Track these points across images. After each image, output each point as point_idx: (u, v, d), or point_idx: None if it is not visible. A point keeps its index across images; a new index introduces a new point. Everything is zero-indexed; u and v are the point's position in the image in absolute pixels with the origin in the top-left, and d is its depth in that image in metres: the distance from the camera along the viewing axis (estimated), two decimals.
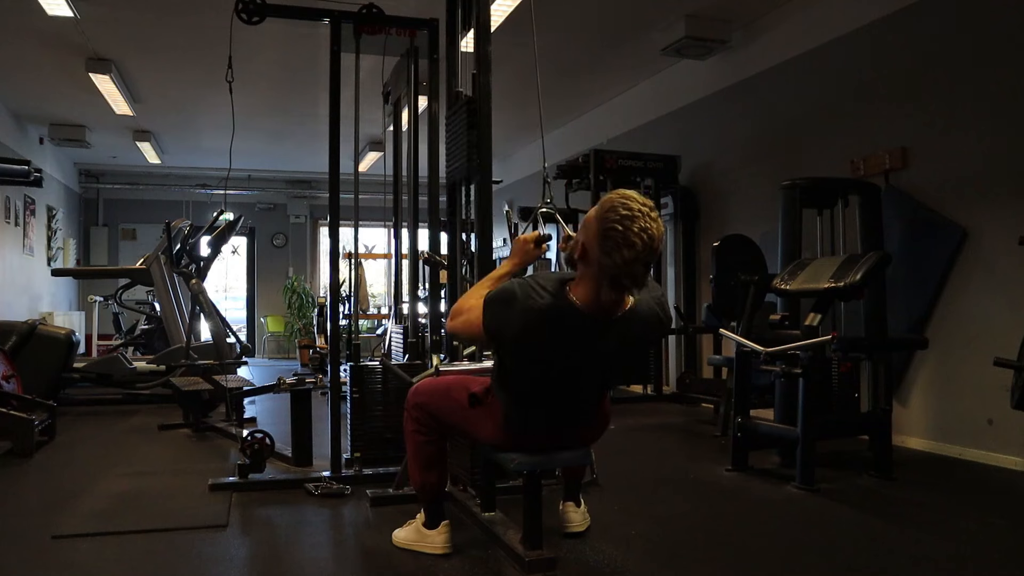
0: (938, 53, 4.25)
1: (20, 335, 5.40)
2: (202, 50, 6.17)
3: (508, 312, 2.03)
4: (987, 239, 3.97)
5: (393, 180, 4.15)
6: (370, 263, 10.88)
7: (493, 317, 2.06)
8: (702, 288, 6.34)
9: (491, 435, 2.31)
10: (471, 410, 2.32)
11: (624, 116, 7.31)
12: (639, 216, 1.91)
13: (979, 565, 2.44)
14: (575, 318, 2.03)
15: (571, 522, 2.65)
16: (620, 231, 1.90)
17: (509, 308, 2.03)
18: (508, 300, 2.03)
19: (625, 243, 1.90)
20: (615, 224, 1.91)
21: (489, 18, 3.14)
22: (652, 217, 1.94)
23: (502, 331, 2.06)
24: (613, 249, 1.91)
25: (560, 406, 2.25)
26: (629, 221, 1.90)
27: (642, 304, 2.09)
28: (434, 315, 3.51)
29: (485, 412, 2.29)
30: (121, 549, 2.55)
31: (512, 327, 2.03)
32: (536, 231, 2.40)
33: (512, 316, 2.02)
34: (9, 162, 6.08)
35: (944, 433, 4.16)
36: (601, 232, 1.93)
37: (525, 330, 2.03)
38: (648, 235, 1.91)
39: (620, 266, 1.91)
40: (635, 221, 1.91)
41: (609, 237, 1.91)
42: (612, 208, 1.94)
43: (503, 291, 2.07)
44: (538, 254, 2.36)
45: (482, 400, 2.30)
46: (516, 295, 2.03)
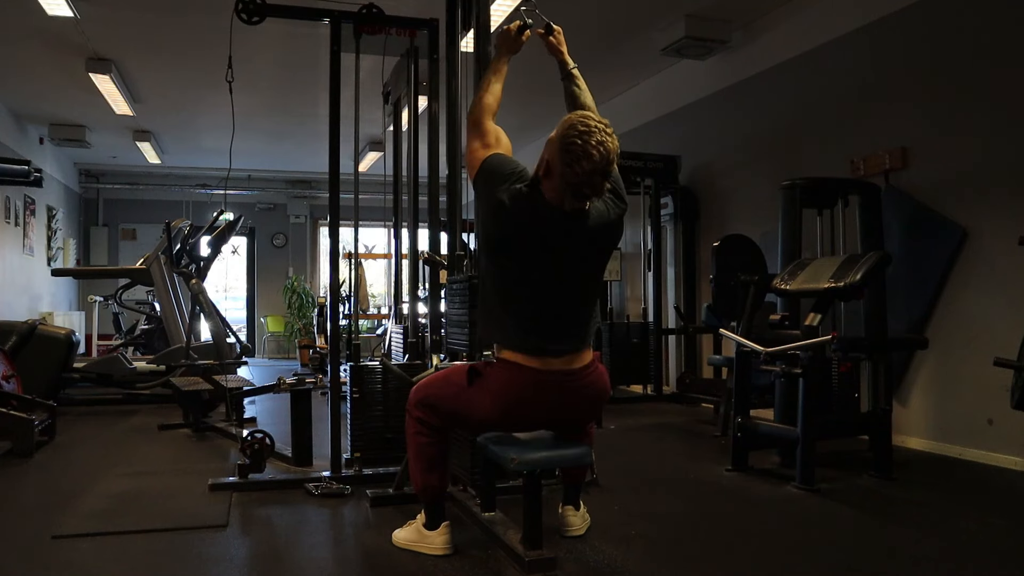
0: (938, 53, 4.25)
1: (20, 335, 5.40)
2: (202, 50, 6.17)
3: (496, 183, 2.24)
4: (987, 239, 3.97)
5: (393, 180, 4.15)
6: (370, 263, 10.88)
7: (484, 179, 2.29)
8: (702, 288, 6.34)
9: (488, 410, 2.28)
10: (470, 389, 2.30)
11: (624, 116, 7.31)
12: (596, 131, 2.09)
13: (979, 565, 2.44)
14: (546, 205, 2.19)
15: (571, 526, 2.65)
16: (579, 144, 2.07)
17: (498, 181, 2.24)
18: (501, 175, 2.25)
19: (584, 155, 2.07)
20: (575, 139, 2.08)
21: (489, 18, 3.15)
22: (608, 132, 2.11)
23: (483, 193, 2.28)
24: (573, 161, 2.08)
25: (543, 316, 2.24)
26: (587, 135, 2.08)
27: (597, 204, 2.25)
28: (434, 315, 3.51)
29: (483, 385, 2.28)
30: (121, 549, 2.55)
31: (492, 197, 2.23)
32: (517, 21, 2.58)
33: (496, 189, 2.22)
34: (9, 162, 6.08)
35: (944, 433, 4.16)
36: (562, 147, 2.10)
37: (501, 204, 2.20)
38: (604, 147, 2.08)
39: (580, 175, 2.08)
40: (592, 135, 2.08)
41: (569, 151, 2.08)
42: (571, 125, 2.11)
43: (503, 165, 2.29)
44: (520, 43, 2.58)
45: (481, 372, 2.30)
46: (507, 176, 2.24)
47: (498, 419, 2.31)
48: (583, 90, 2.53)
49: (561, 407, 2.31)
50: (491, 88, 2.51)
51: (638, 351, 6.15)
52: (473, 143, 2.40)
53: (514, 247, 2.25)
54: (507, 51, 2.58)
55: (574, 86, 2.54)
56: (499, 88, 2.53)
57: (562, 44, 2.62)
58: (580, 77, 2.56)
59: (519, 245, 2.24)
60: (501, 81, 2.55)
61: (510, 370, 2.25)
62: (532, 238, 2.22)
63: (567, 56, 2.59)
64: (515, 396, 2.25)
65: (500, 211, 2.20)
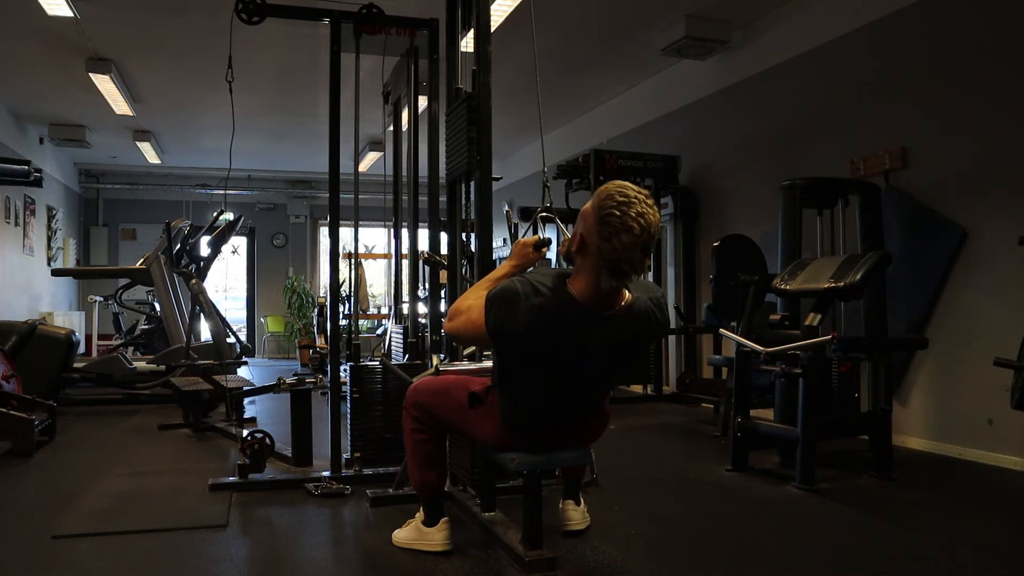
0: (938, 53, 4.25)
1: (20, 335, 5.40)
2: (202, 50, 6.17)
3: (511, 311, 2.03)
4: (987, 239, 3.97)
5: (393, 180, 4.15)
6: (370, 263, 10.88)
7: (496, 316, 2.05)
8: (702, 288, 6.34)
9: (491, 435, 2.31)
10: (471, 410, 2.32)
11: (624, 116, 7.31)
12: (636, 202, 1.95)
13: (979, 565, 2.44)
14: (575, 313, 2.04)
15: (571, 520, 2.65)
16: (618, 216, 1.93)
17: (513, 307, 2.03)
18: (511, 298, 2.04)
19: (623, 227, 1.93)
20: (613, 210, 1.94)
21: (489, 18, 3.14)
22: (648, 203, 1.97)
23: (505, 330, 2.06)
24: (612, 235, 1.93)
25: (561, 404, 2.25)
26: (626, 207, 1.94)
27: (639, 302, 2.12)
28: (434, 315, 3.51)
29: (485, 411, 2.29)
30: (121, 549, 2.55)
31: (516, 326, 2.03)
32: (536, 235, 2.41)
33: (516, 314, 2.03)
34: (9, 162, 6.08)
35: (944, 433, 4.16)
36: (599, 219, 1.96)
37: (528, 328, 2.03)
38: (645, 220, 1.94)
39: (619, 251, 1.93)
40: (632, 206, 1.94)
41: (607, 223, 1.94)
42: (609, 196, 1.97)
43: (505, 290, 2.07)
44: (537, 257, 2.37)
45: (483, 400, 2.30)
46: (519, 293, 2.04)
47: (500, 443, 2.32)
48: None
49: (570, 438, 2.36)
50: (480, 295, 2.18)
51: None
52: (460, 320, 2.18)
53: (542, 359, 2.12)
54: (520, 265, 2.34)
55: None
56: None
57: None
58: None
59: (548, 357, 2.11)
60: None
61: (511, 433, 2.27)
62: (562, 347, 2.09)
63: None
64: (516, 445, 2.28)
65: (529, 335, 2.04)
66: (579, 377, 2.19)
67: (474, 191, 3.12)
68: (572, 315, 2.05)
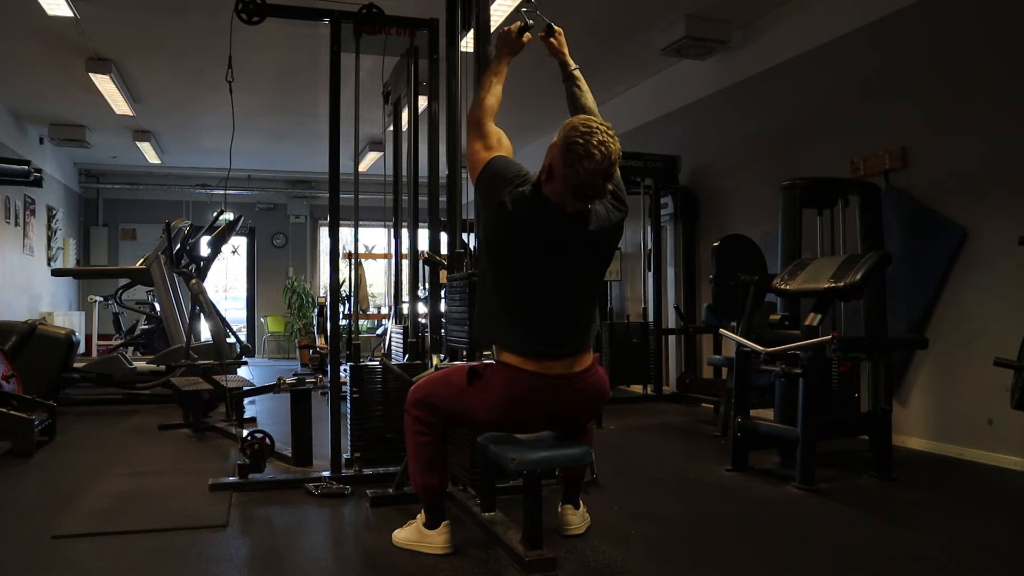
0: (938, 53, 4.25)
1: (20, 335, 5.40)
2: (202, 50, 6.17)
3: (499, 186, 2.23)
4: (987, 239, 3.97)
5: (393, 180, 4.15)
6: (370, 263, 10.88)
7: (487, 183, 2.28)
8: (702, 288, 6.34)
9: (490, 409, 2.28)
10: (470, 389, 2.30)
11: (624, 116, 7.32)
12: (597, 131, 2.10)
13: (979, 565, 2.44)
14: (548, 206, 2.19)
15: (570, 524, 2.65)
16: (581, 144, 2.08)
17: (501, 184, 2.23)
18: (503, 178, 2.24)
19: (586, 155, 2.07)
20: (576, 139, 2.08)
21: (489, 18, 3.15)
22: (610, 133, 2.12)
23: (486, 196, 2.27)
24: (575, 161, 2.08)
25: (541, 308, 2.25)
26: (589, 135, 2.08)
27: (599, 207, 2.26)
28: (434, 315, 3.51)
29: (484, 386, 2.28)
30: (121, 549, 2.55)
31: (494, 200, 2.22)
32: (518, 23, 2.57)
33: (499, 191, 2.22)
34: (9, 162, 6.08)
35: (944, 433, 4.16)
36: (564, 147, 2.10)
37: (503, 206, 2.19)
38: (606, 148, 2.09)
39: (582, 176, 2.08)
40: (594, 135, 2.09)
41: (571, 151, 2.08)
42: (573, 127, 2.12)
43: (506, 168, 2.28)
44: (521, 44, 2.58)
45: (481, 373, 2.30)
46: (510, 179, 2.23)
47: (498, 420, 2.32)
48: (584, 91, 2.54)
49: (561, 409, 2.33)
50: (492, 89, 2.50)
51: (638, 351, 6.15)
52: (475, 144, 2.39)
53: (515, 249, 2.25)
54: (508, 52, 2.57)
55: (575, 87, 2.55)
56: (500, 89, 2.53)
57: (563, 45, 2.62)
58: (581, 78, 2.56)
59: (520, 247, 2.24)
60: (502, 82, 2.54)
61: (510, 373, 2.25)
62: (533, 241, 2.22)
63: (568, 57, 2.59)
64: (515, 399, 2.25)
65: (502, 214, 2.20)
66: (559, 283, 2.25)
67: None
68: (545, 208, 2.18)
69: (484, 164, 2.32)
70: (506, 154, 2.37)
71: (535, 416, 2.33)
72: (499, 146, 2.38)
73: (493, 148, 2.36)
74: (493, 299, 2.32)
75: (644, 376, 6.23)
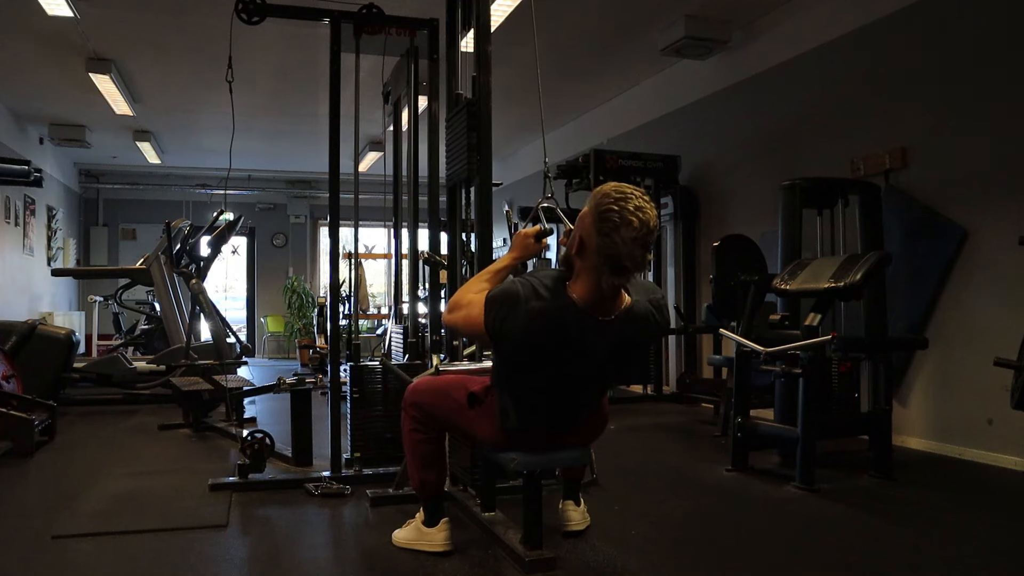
0: (938, 53, 4.25)
1: (20, 335, 5.41)
2: (202, 50, 6.17)
3: (511, 313, 2.03)
4: (987, 239, 3.97)
5: (393, 180, 4.15)
6: (370, 263, 10.88)
7: (496, 317, 2.05)
8: (702, 288, 6.34)
9: (490, 434, 2.31)
10: (470, 411, 2.32)
11: (624, 116, 7.31)
12: (632, 197, 1.97)
13: (979, 565, 2.44)
14: (576, 317, 2.04)
15: (570, 520, 2.65)
16: (616, 211, 1.94)
17: (513, 309, 2.03)
18: (512, 300, 2.03)
19: (623, 222, 1.93)
20: (611, 206, 1.95)
21: (489, 18, 3.14)
22: (645, 199, 1.99)
23: (504, 331, 2.05)
24: (612, 230, 1.94)
25: (560, 406, 2.25)
26: (624, 202, 1.95)
27: (638, 305, 2.12)
28: (434, 315, 3.51)
29: (484, 411, 2.29)
30: (121, 549, 2.55)
31: (515, 328, 2.03)
32: (537, 226, 2.38)
33: (515, 317, 2.02)
34: (9, 162, 6.08)
35: (944, 433, 4.16)
36: (598, 217, 1.96)
37: (528, 331, 2.03)
38: (644, 214, 1.96)
39: (620, 247, 1.93)
40: (629, 201, 1.95)
41: (606, 219, 1.94)
42: (606, 194, 1.99)
43: (506, 291, 2.07)
44: (538, 249, 2.35)
45: (482, 400, 2.30)
46: (519, 295, 2.03)
47: (499, 444, 2.33)
48: None
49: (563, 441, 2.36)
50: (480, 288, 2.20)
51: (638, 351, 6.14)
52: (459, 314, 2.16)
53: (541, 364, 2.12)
54: (520, 256, 2.34)
55: None
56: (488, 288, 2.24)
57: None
58: None
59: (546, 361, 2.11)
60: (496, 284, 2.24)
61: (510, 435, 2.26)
62: (561, 352, 2.08)
63: None
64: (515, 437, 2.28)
65: (527, 337, 2.04)
66: (578, 380, 2.19)
67: (474, 194, 3.12)
68: (572, 319, 2.04)
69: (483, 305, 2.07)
70: None
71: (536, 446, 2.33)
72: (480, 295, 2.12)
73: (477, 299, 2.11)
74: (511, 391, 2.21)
75: (644, 376, 6.22)
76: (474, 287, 2.22)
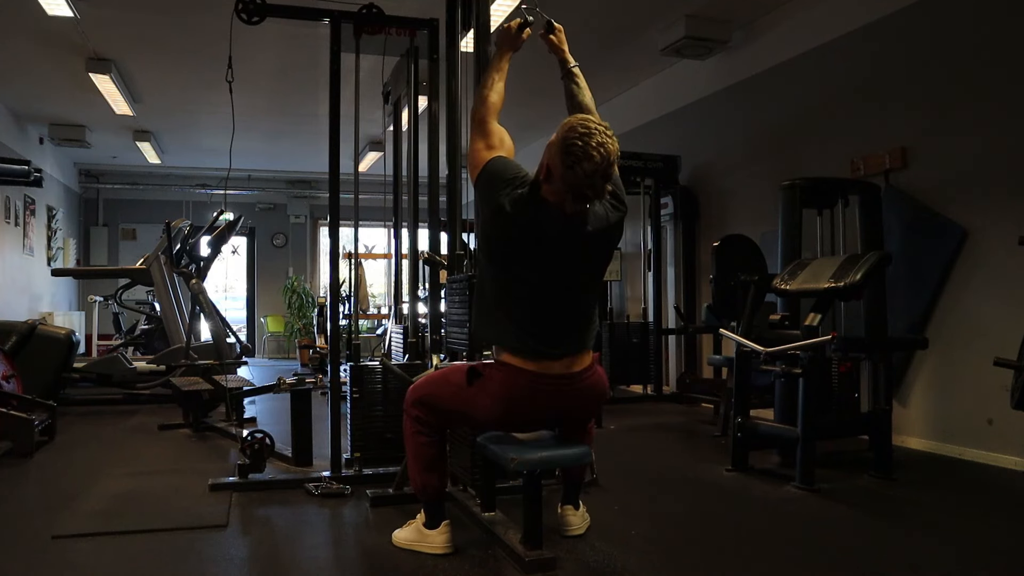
0: (938, 53, 4.25)
1: (20, 335, 5.40)
2: (202, 50, 6.17)
3: (496, 188, 2.22)
4: (987, 239, 3.97)
5: (393, 180, 4.15)
6: (370, 263, 10.88)
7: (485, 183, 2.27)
8: (702, 288, 6.34)
9: (490, 410, 2.29)
10: (469, 388, 2.31)
11: (624, 116, 7.32)
12: (596, 132, 2.08)
13: (979, 565, 2.44)
14: (546, 207, 2.19)
15: (570, 525, 2.65)
16: (580, 146, 2.06)
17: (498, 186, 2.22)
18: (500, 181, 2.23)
19: (585, 156, 2.06)
20: (575, 140, 2.07)
21: (489, 18, 3.15)
22: (608, 134, 2.10)
23: (484, 196, 2.26)
24: (574, 163, 2.07)
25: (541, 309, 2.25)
26: (588, 137, 2.07)
27: (597, 207, 2.25)
28: (434, 315, 3.51)
29: (483, 386, 2.28)
30: (121, 549, 2.55)
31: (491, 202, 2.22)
32: (517, 19, 2.56)
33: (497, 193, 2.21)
34: (9, 162, 6.08)
35: (944, 433, 4.16)
36: (563, 149, 2.09)
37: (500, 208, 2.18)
38: (605, 149, 2.07)
39: (582, 178, 2.08)
40: (592, 136, 2.07)
41: (570, 152, 2.07)
42: (571, 128, 2.11)
43: (504, 170, 2.27)
44: (520, 40, 2.56)
45: (481, 373, 2.30)
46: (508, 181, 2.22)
47: (498, 419, 2.33)
48: (583, 88, 2.54)
49: (560, 408, 2.34)
50: (494, 86, 2.49)
51: (638, 351, 6.15)
52: (477, 143, 2.38)
53: (514, 251, 2.25)
54: (508, 48, 2.56)
55: (573, 84, 2.55)
56: (502, 86, 2.51)
57: (563, 43, 2.61)
58: (580, 75, 2.56)
59: (519, 249, 2.24)
60: (503, 79, 2.52)
61: (509, 373, 2.25)
62: (532, 242, 2.21)
63: (568, 54, 2.59)
64: (514, 398, 2.26)
65: (500, 215, 2.20)
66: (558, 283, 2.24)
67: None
68: (543, 210, 2.18)
69: (484, 164, 2.31)
70: (507, 154, 2.36)
71: (535, 415, 2.33)
72: (501, 146, 2.37)
73: (495, 148, 2.35)
74: (491, 300, 2.32)
75: (644, 376, 6.22)
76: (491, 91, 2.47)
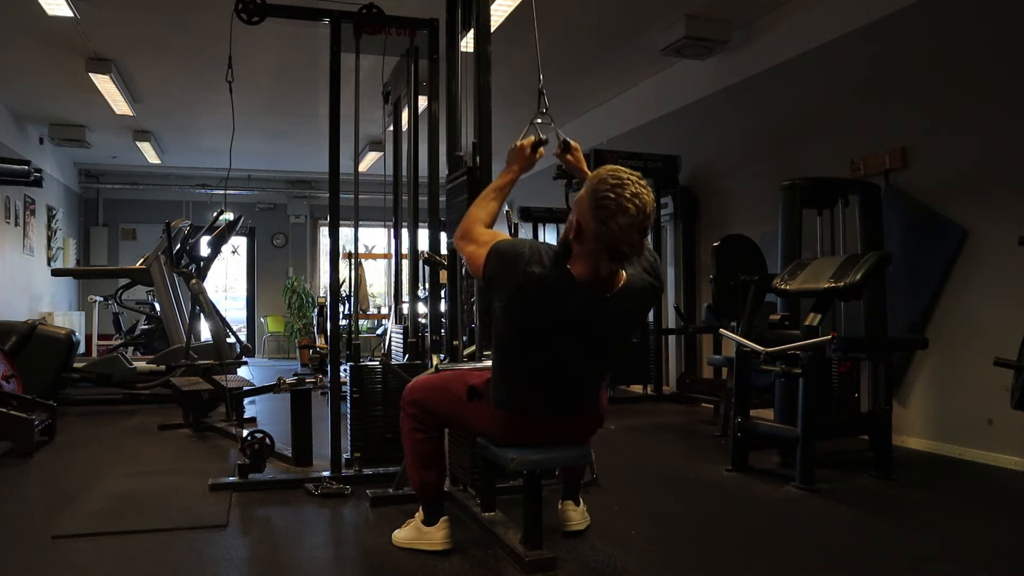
0: (938, 53, 4.25)
1: (20, 335, 5.40)
2: (202, 50, 6.17)
3: (509, 271, 2.06)
4: (987, 239, 3.97)
5: (393, 180, 4.15)
6: (370, 263, 10.88)
7: (496, 269, 2.10)
8: (702, 288, 6.34)
9: (489, 427, 2.30)
10: (468, 404, 2.31)
11: (624, 116, 7.31)
12: (629, 183, 1.95)
13: (979, 565, 2.44)
14: (575, 292, 2.06)
15: (570, 520, 2.65)
16: (613, 199, 1.93)
17: (513, 266, 2.06)
18: (514, 258, 2.06)
19: (619, 209, 1.93)
20: (607, 193, 1.94)
21: (489, 18, 3.14)
22: (641, 184, 1.97)
23: (499, 285, 2.10)
24: (608, 217, 1.93)
25: (556, 385, 2.23)
26: (620, 188, 1.94)
27: (635, 277, 2.14)
28: (434, 315, 3.51)
29: (484, 405, 2.29)
30: (121, 549, 2.55)
31: (509, 286, 2.07)
32: (531, 137, 2.41)
33: (512, 275, 2.05)
34: (9, 162, 6.08)
35: (944, 433, 4.16)
36: (594, 203, 1.96)
37: (521, 292, 2.05)
38: (640, 200, 1.95)
39: (617, 233, 1.94)
40: (626, 188, 1.94)
41: (603, 206, 1.94)
42: (602, 180, 1.98)
43: (513, 248, 2.11)
44: (533, 160, 2.39)
45: (481, 394, 2.30)
46: (522, 256, 2.06)
47: (496, 438, 2.33)
48: None
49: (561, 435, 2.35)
50: (487, 206, 2.32)
51: (638, 351, 6.15)
52: (468, 247, 2.23)
53: (536, 332, 2.13)
54: (520, 168, 2.39)
55: None
56: (496, 207, 2.33)
57: (580, 161, 2.48)
58: None
59: (542, 331, 2.12)
60: (501, 199, 2.34)
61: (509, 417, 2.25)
62: (558, 326, 2.10)
63: (587, 170, 2.42)
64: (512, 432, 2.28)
65: (522, 298, 2.06)
66: (574, 358, 2.19)
67: None
68: (570, 294, 2.06)
69: (487, 254, 2.13)
70: None
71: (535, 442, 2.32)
72: (493, 239, 2.20)
73: (488, 242, 2.17)
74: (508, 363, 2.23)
75: (644, 376, 6.22)
76: (481, 209, 2.28)
